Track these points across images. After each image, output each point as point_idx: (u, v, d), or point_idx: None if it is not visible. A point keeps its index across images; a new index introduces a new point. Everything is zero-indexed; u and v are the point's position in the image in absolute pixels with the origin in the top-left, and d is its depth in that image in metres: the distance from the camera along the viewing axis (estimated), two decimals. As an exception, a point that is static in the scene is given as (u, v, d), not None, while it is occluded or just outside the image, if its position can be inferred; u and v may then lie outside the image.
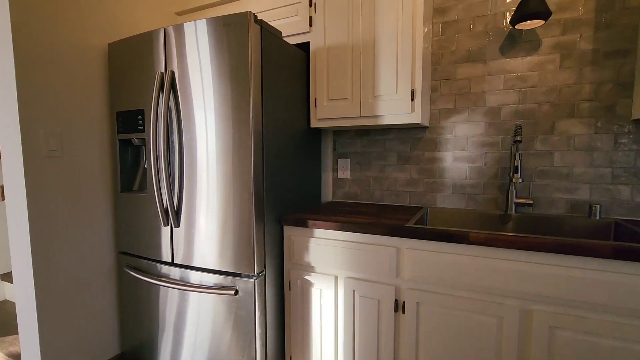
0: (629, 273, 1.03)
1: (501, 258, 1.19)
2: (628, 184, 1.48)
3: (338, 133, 2.09)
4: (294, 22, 1.79)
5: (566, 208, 1.59)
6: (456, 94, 1.77)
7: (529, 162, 1.65)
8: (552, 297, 1.12)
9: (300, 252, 1.56)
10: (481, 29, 1.69)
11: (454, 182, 1.81)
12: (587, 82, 1.52)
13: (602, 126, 1.51)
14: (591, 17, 1.49)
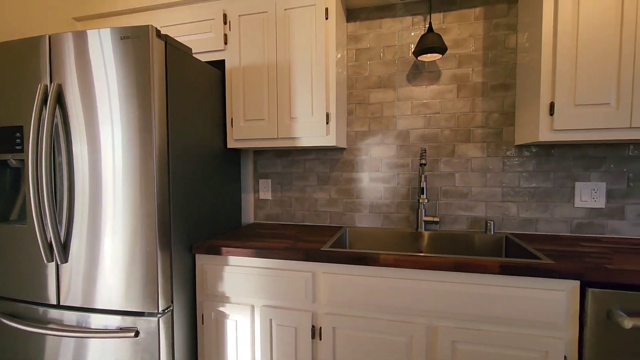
0: (513, 286, 1.15)
1: (408, 278, 1.24)
2: (514, 202, 1.68)
3: (259, 153, 2.04)
4: (208, 38, 1.72)
5: (467, 224, 1.74)
6: (370, 118, 1.85)
7: (434, 182, 1.77)
8: (454, 313, 1.20)
9: (214, 282, 1.45)
10: (390, 58, 1.80)
11: (370, 202, 1.87)
12: (479, 110, 1.70)
13: (492, 150, 1.70)
14: (480, 54, 1.68)
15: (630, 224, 1.55)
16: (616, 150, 1.55)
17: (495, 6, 1.65)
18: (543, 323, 1.12)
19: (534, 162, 1.65)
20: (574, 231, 1.62)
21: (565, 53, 1.29)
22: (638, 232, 1.55)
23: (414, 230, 1.74)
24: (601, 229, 1.59)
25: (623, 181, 1.55)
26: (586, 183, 1.59)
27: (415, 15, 1.76)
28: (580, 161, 1.59)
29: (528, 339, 1.13)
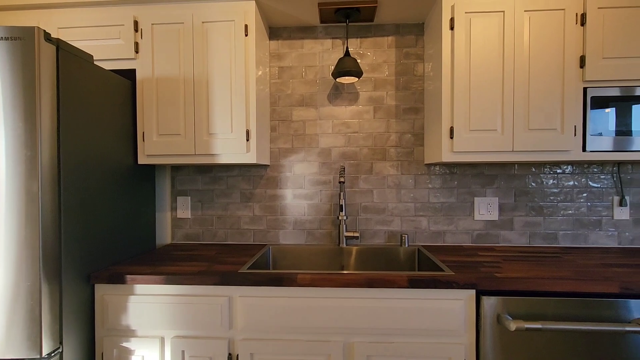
0: (420, 298, 1.22)
1: (325, 296, 1.25)
2: (425, 216, 1.82)
3: (177, 169, 1.91)
4: (117, 45, 1.58)
5: (385, 238, 1.83)
6: (293, 135, 1.86)
7: (355, 198, 1.84)
8: (369, 328, 1.23)
9: (117, 314, 1.30)
10: (312, 77, 1.85)
11: (294, 219, 1.87)
12: (393, 131, 1.82)
13: (405, 168, 1.82)
14: (393, 79, 1.81)
15: (518, 234, 1.78)
16: (505, 170, 1.78)
17: (405, 36, 1.80)
18: (446, 331, 1.21)
19: (440, 179, 1.81)
20: (475, 241, 1.80)
21: (461, 84, 1.44)
22: (523, 241, 1.78)
23: (336, 246, 1.78)
24: (496, 239, 1.79)
25: (511, 196, 1.78)
26: (483, 198, 1.78)
27: (335, 38, 1.83)
28: (478, 179, 1.79)
29: (434, 347, 1.21)
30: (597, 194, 1.75)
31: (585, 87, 1.42)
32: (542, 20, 1.42)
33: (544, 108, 1.42)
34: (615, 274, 1.25)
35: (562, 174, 1.76)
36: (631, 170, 1.73)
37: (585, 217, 1.75)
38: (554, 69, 1.42)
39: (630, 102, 1.39)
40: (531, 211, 1.77)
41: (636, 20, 1.38)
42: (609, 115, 1.40)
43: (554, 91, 1.42)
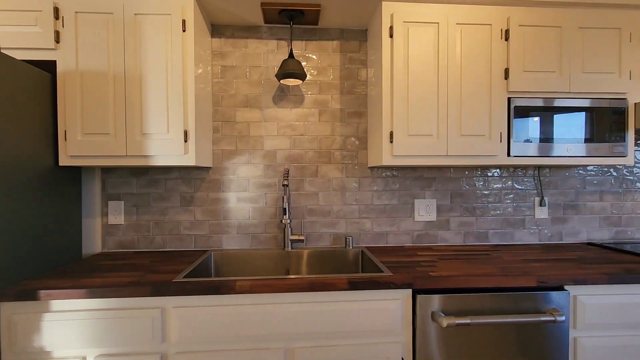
0: (360, 300, 1.24)
1: (266, 303, 1.22)
2: (369, 218, 1.86)
3: (108, 171, 1.76)
4: (33, 33, 1.42)
5: (330, 241, 1.85)
6: (237, 136, 1.81)
7: (300, 201, 1.83)
8: (311, 333, 1.22)
9: (29, 335, 1.16)
10: (257, 78, 1.81)
11: (238, 223, 1.81)
12: (338, 134, 1.84)
13: (350, 171, 1.85)
14: (338, 83, 1.83)
15: (454, 233, 1.89)
16: (442, 173, 1.88)
17: (349, 41, 1.83)
18: (385, 331, 1.24)
19: (383, 182, 1.86)
20: (415, 241, 1.87)
21: (400, 91, 1.50)
22: (458, 240, 1.89)
23: (282, 250, 1.75)
24: (434, 239, 1.88)
25: (448, 198, 1.88)
26: (422, 200, 1.87)
27: (280, 40, 1.81)
28: (418, 181, 1.87)
29: (374, 348, 1.23)
30: (521, 195, 1.91)
31: (510, 97, 1.54)
32: (472, 34, 1.52)
33: (474, 115, 1.52)
34: (534, 268, 1.37)
35: (491, 177, 1.89)
36: (549, 174, 1.92)
37: (512, 217, 1.91)
38: (482, 80, 1.52)
39: (547, 111, 1.54)
40: (465, 212, 1.89)
41: (549, 38, 1.53)
42: (530, 124, 1.53)
43: (483, 100, 1.53)
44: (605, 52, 1.55)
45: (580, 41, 1.54)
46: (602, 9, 1.56)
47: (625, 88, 1.56)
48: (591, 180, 1.93)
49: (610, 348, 1.29)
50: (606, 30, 1.55)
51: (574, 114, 1.54)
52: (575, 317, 1.29)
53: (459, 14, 1.51)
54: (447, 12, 1.50)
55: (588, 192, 1.93)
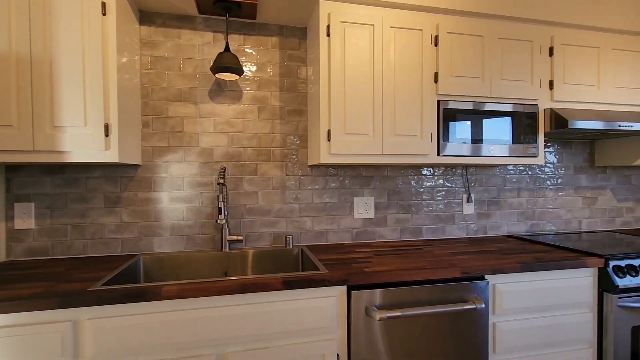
0: (295, 299, 1.22)
1: (197, 307, 1.15)
2: (309, 217, 1.85)
3: (15, 169, 1.55)
4: None
5: (270, 240, 1.81)
6: (170, 132, 1.70)
7: (239, 200, 1.77)
8: (245, 336, 1.18)
9: None
10: (191, 71, 1.71)
11: (172, 224, 1.70)
12: (278, 132, 1.81)
13: (290, 170, 1.83)
14: (277, 80, 1.80)
15: (391, 230, 1.96)
16: (380, 171, 1.94)
17: (289, 39, 1.81)
18: (320, 329, 1.24)
19: (323, 180, 1.87)
20: (355, 239, 1.91)
21: (337, 90, 1.51)
22: (395, 236, 1.96)
23: (219, 251, 1.68)
24: (372, 235, 1.93)
25: (385, 196, 1.95)
26: (361, 198, 1.91)
27: (217, 32, 1.74)
28: (357, 180, 1.91)
29: (309, 347, 1.23)
30: (451, 192, 2.04)
31: (439, 100, 1.63)
32: (405, 38, 1.58)
33: (407, 116, 1.59)
34: (460, 260, 1.47)
35: (425, 175, 2.00)
36: (475, 172, 2.07)
37: (443, 213, 2.03)
38: (415, 82, 1.60)
39: (472, 114, 1.65)
40: (401, 209, 1.97)
41: (473, 46, 1.65)
42: (457, 125, 1.64)
43: (415, 102, 1.60)
44: (520, 61, 1.71)
45: (500, 50, 1.68)
46: (517, 22, 1.72)
47: (537, 95, 1.74)
48: (510, 178, 2.12)
49: (523, 330, 1.42)
50: (521, 42, 1.71)
51: (495, 118, 1.68)
52: (494, 303, 1.40)
53: (393, 18, 1.56)
54: (382, 15, 1.55)
55: (508, 189, 2.12)
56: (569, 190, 2.22)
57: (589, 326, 1.50)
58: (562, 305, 1.47)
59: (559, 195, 2.20)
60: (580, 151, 2.23)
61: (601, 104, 1.85)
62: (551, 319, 1.45)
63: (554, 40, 1.75)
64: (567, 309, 1.48)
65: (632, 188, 2.33)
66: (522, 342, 1.42)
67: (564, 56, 1.77)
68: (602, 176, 2.27)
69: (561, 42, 1.76)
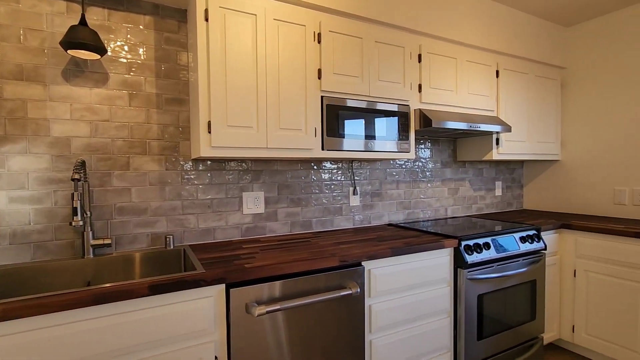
0: (166, 304, 1.12)
1: (33, 329, 0.96)
2: (194, 214, 1.73)
3: None
4: None
5: (147, 242, 1.64)
6: (6, 118, 1.39)
7: (107, 198, 1.55)
8: (104, 352, 1.03)
9: None
10: (37, 45, 1.42)
11: (12, 230, 1.40)
12: (154, 122, 1.64)
13: (171, 164, 1.68)
14: (153, 65, 1.63)
15: (281, 224, 1.96)
16: (269, 165, 1.92)
17: (166, 20, 1.65)
18: (197, 332, 1.16)
19: (209, 175, 1.76)
20: (244, 235, 1.86)
21: (218, 79, 1.43)
22: (286, 230, 1.97)
23: (81, 258, 1.44)
24: (263, 230, 1.91)
25: (275, 190, 1.94)
26: (250, 193, 1.86)
27: (71, 2, 1.48)
28: (246, 174, 1.85)
29: (184, 353, 1.14)
30: (339, 185, 2.14)
31: (323, 96, 1.68)
32: (289, 32, 1.58)
33: (292, 110, 1.60)
34: (341, 250, 1.54)
35: (314, 169, 2.05)
36: (360, 166, 2.21)
37: (332, 205, 2.12)
38: (299, 77, 1.61)
39: (353, 111, 1.75)
40: (291, 203, 1.99)
41: (354, 46, 1.75)
42: (339, 121, 1.71)
43: (300, 96, 1.62)
44: (394, 65, 1.88)
45: (377, 53, 1.82)
46: (392, 29, 1.88)
47: (408, 96, 1.93)
48: (391, 172, 2.33)
49: (395, 308, 1.57)
50: (395, 47, 1.88)
51: (374, 115, 1.81)
52: (370, 287, 1.51)
53: (276, 11, 1.55)
54: (265, 6, 1.52)
55: (389, 182, 2.33)
56: (438, 182, 2.55)
57: (447, 298, 1.74)
58: (427, 283, 1.67)
59: (429, 187, 2.50)
60: (446, 148, 2.58)
61: (459, 107, 2.15)
62: (418, 295, 1.64)
63: (422, 48, 1.97)
64: (430, 286, 1.69)
65: (484, 179, 2.79)
66: (394, 320, 1.58)
67: (430, 63, 2.00)
68: (462, 169, 2.66)
69: (427, 51, 1.99)
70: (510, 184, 2.96)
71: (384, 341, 1.55)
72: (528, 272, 1.98)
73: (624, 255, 1.94)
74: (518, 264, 1.93)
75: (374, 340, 1.53)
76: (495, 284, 1.85)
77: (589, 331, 2.12)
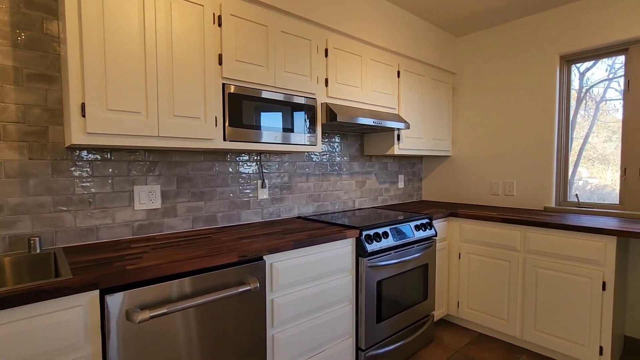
0: (16, 320, 0.93)
1: None
2: (71, 211, 1.49)
3: None
4: None
5: (4, 246, 1.36)
6: None
7: (-59, 195, 1.24)
8: None
9: None
10: None
11: None
12: (12, 102, 1.36)
13: (37, 152, 1.41)
14: (9, 32, 1.34)
15: (182, 220, 1.81)
16: (166, 156, 1.75)
17: (26, -22, 1.37)
18: (64, 348, 1.00)
19: (91, 166, 1.54)
20: (136, 233, 1.67)
21: (94, 54, 1.24)
22: (187, 226, 1.83)
23: None
24: (159, 228, 1.74)
25: (174, 183, 1.78)
26: (144, 186, 1.68)
27: None
28: (138, 166, 1.66)
29: (42, 375, 0.97)
30: (246, 178, 2.07)
31: (224, 83, 1.59)
32: (184, 11, 1.45)
33: (189, 96, 1.47)
34: (242, 244, 1.48)
35: (219, 161, 1.94)
36: (269, 159, 2.17)
37: (238, 199, 2.04)
38: (196, 61, 1.49)
39: (258, 101, 1.69)
40: (194, 197, 1.85)
41: (258, 34, 1.69)
42: (243, 111, 1.64)
43: (197, 81, 1.50)
44: (300, 57, 1.87)
45: (283, 43, 1.79)
46: (298, 20, 1.87)
47: (315, 90, 1.95)
48: (301, 165, 2.34)
49: (298, 300, 1.58)
50: (302, 39, 1.87)
51: (280, 107, 1.78)
52: (272, 281, 1.49)
53: (169, -16, 1.40)
54: (155, -22, 1.36)
55: (298, 174, 2.33)
56: (347, 175, 2.64)
57: (349, 287, 1.81)
58: (330, 273, 1.71)
59: (338, 180, 2.58)
60: (354, 142, 2.68)
61: (364, 104, 2.25)
62: (320, 286, 1.67)
63: (328, 43, 2.00)
64: (333, 276, 1.74)
65: (388, 173, 2.99)
66: (297, 312, 1.58)
67: (336, 58, 2.05)
68: (369, 163, 2.81)
69: (334, 46, 2.03)
70: (411, 177, 3.23)
71: (287, 334, 1.55)
72: (421, 257, 2.17)
73: (495, 238, 2.26)
74: (413, 249, 2.11)
75: (276, 335, 1.51)
76: (393, 270, 1.99)
77: (470, 305, 2.44)
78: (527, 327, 2.15)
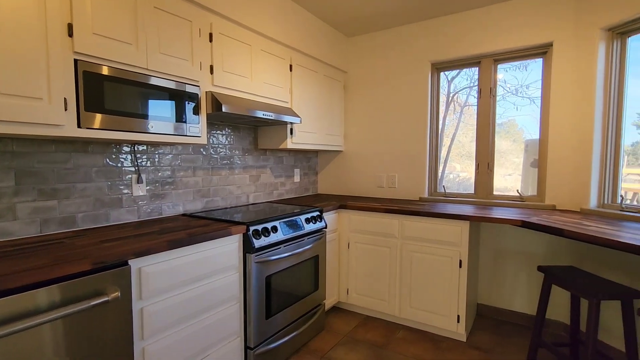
0: None
1: None
2: None
3: None
4: None
5: None
6: None
7: None
8: None
9: None
10: None
11: None
12: None
13: None
14: None
15: (24, 223, 1.48)
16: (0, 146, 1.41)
17: None
18: None
19: None
20: (-49, 243, 1.30)
21: None
22: (33, 230, 1.51)
23: None
24: (-11, 234, 1.39)
25: (11, 179, 1.44)
26: (-38, 183, 1.31)
27: None
28: (-49, 156, 1.29)
29: None
30: (117, 173, 1.81)
31: (77, 59, 1.34)
32: (15, -38, 1.16)
33: (22, 71, 1.19)
34: (101, 249, 1.28)
35: (77, 152, 1.65)
36: (146, 151, 1.94)
37: (107, 196, 1.77)
38: (35, 28, 1.22)
39: (128, 85, 1.47)
40: (42, 195, 1.53)
41: (120, 5, 1.46)
42: (106, 94, 1.41)
43: (37, 54, 1.22)
44: (179, 38, 1.70)
45: (156, 21, 1.59)
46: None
47: (198, 76, 1.80)
48: (186, 158, 2.15)
49: (175, 305, 1.44)
50: (180, 19, 1.70)
51: (156, 92, 1.59)
52: (141, 288, 1.32)
53: None
54: None
55: (183, 168, 2.14)
56: (239, 169, 2.54)
57: (235, 285, 1.74)
58: (213, 272, 1.61)
59: (230, 174, 2.46)
60: (247, 135, 2.59)
61: (255, 95, 2.18)
62: (203, 287, 1.56)
63: (213, 27, 1.87)
64: (217, 275, 1.65)
65: (284, 167, 2.98)
66: (175, 318, 1.45)
67: (222, 45, 1.93)
68: (264, 157, 2.76)
69: (219, 32, 1.90)
70: (307, 171, 3.29)
71: (163, 344, 1.40)
72: (312, 249, 2.22)
73: (378, 227, 2.46)
74: (304, 242, 2.14)
75: (147, 347, 1.35)
76: (284, 264, 1.98)
77: (358, 291, 2.60)
78: (404, 306, 2.39)
